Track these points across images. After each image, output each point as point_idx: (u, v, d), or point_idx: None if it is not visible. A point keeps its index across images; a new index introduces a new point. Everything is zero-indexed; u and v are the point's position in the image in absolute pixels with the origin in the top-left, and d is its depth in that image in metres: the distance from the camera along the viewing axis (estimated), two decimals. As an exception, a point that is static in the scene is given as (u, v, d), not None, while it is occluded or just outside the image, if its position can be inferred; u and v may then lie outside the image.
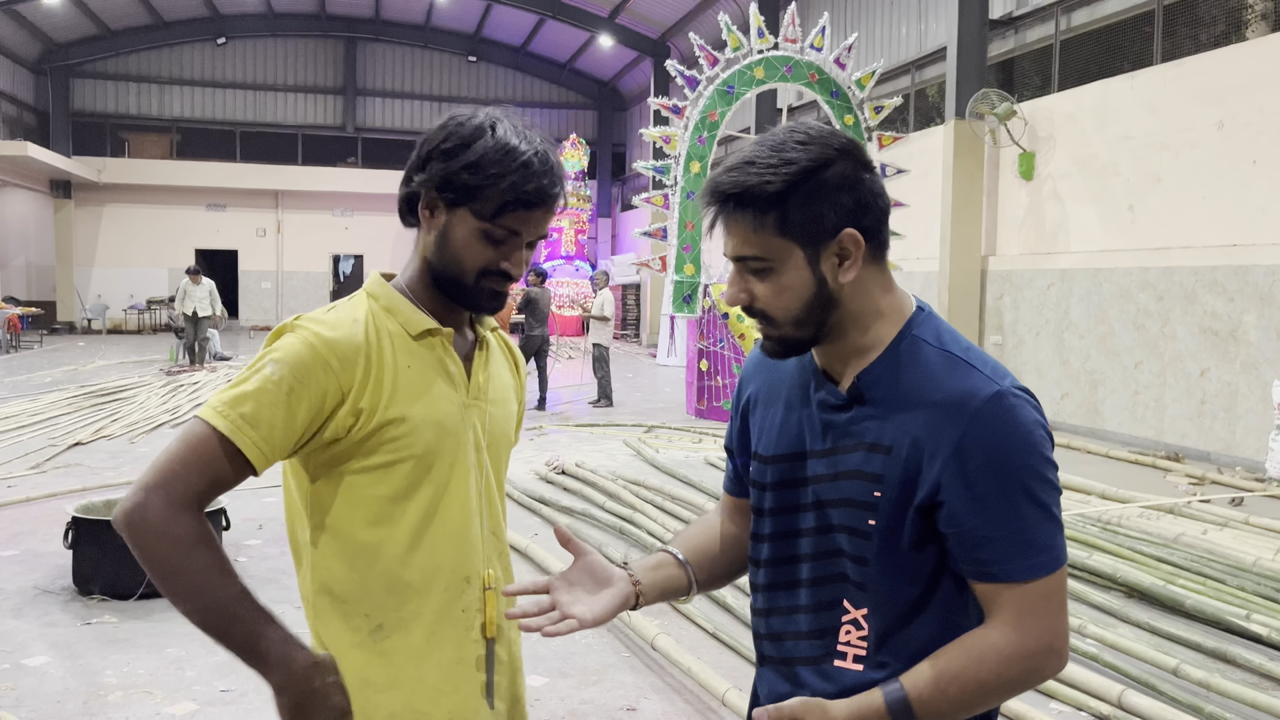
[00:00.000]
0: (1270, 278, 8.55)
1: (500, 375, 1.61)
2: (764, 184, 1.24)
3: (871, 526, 1.27)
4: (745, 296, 1.30)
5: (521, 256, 1.45)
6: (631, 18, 23.84)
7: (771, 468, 1.38)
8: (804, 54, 11.65)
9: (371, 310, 1.46)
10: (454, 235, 1.42)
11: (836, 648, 1.32)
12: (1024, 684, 1.25)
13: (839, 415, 1.31)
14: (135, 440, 9.32)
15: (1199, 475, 8.19)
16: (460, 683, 1.46)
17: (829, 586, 1.32)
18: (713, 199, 1.29)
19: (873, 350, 1.30)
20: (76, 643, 4.31)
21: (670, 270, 11.64)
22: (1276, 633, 4.29)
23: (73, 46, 26.24)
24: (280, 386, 1.33)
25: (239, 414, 1.32)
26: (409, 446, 1.41)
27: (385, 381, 1.40)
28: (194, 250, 27.31)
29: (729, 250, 1.29)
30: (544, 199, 1.42)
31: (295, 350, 1.36)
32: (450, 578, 1.46)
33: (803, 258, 1.27)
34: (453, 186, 1.40)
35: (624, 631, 4.47)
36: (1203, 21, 10.39)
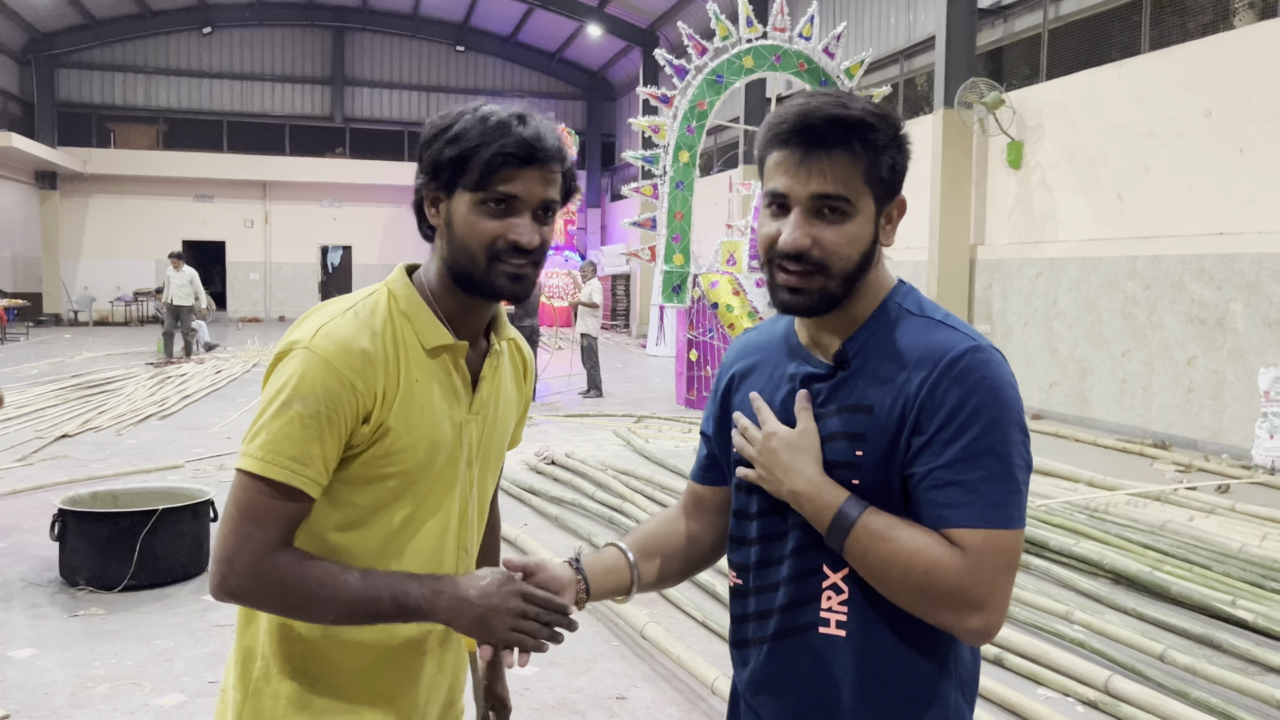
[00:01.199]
0: (1257, 266, 8.58)
1: (506, 388, 1.57)
2: (873, 125, 1.26)
3: (856, 486, 1.28)
4: (809, 242, 1.27)
5: (527, 224, 1.38)
6: (620, 7, 23.76)
7: None
8: (793, 43, 11.63)
9: (390, 313, 1.42)
10: (456, 219, 1.39)
11: (820, 614, 1.32)
12: (937, 614, 1.23)
13: (821, 384, 1.34)
14: (122, 432, 9.27)
15: (1186, 463, 8.23)
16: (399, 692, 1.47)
17: (810, 554, 1.33)
18: (809, 128, 1.25)
19: (858, 318, 1.34)
20: (64, 635, 4.29)
21: (659, 260, 11.63)
22: (1262, 618, 4.32)
23: (58, 36, 26.03)
24: (317, 420, 1.32)
25: (288, 458, 1.32)
26: (400, 462, 1.40)
27: (392, 394, 1.38)
28: (181, 241, 27.13)
29: (812, 186, 1.26)
30: (531, 153, 1.36)
31: (320, 378, 1.33)
32: None
33: (873, 211, 1.30)
34: (442, 167, 1.39)
35: (613, 620, 4.48)
36: (1190, 10, 10.41)
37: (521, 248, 1.38)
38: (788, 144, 1.27)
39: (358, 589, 1.33)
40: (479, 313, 1.47)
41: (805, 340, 1.39)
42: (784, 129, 1.28)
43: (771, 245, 1.31)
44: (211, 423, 9.86)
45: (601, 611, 4.60)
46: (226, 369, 14.50)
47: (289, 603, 1.34)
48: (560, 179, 1.42)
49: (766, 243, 1.32)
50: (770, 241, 1.31)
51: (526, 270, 1.41)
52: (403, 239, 27.97)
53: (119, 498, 5.23)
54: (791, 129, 1.27)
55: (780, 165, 1.28)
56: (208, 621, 4.48)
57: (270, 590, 1.32)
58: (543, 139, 1.38)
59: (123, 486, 5.61)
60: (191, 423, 9.91)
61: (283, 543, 1.34)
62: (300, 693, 1.42)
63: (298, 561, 1.33)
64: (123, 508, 5.01)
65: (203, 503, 5.10)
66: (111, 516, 4.85)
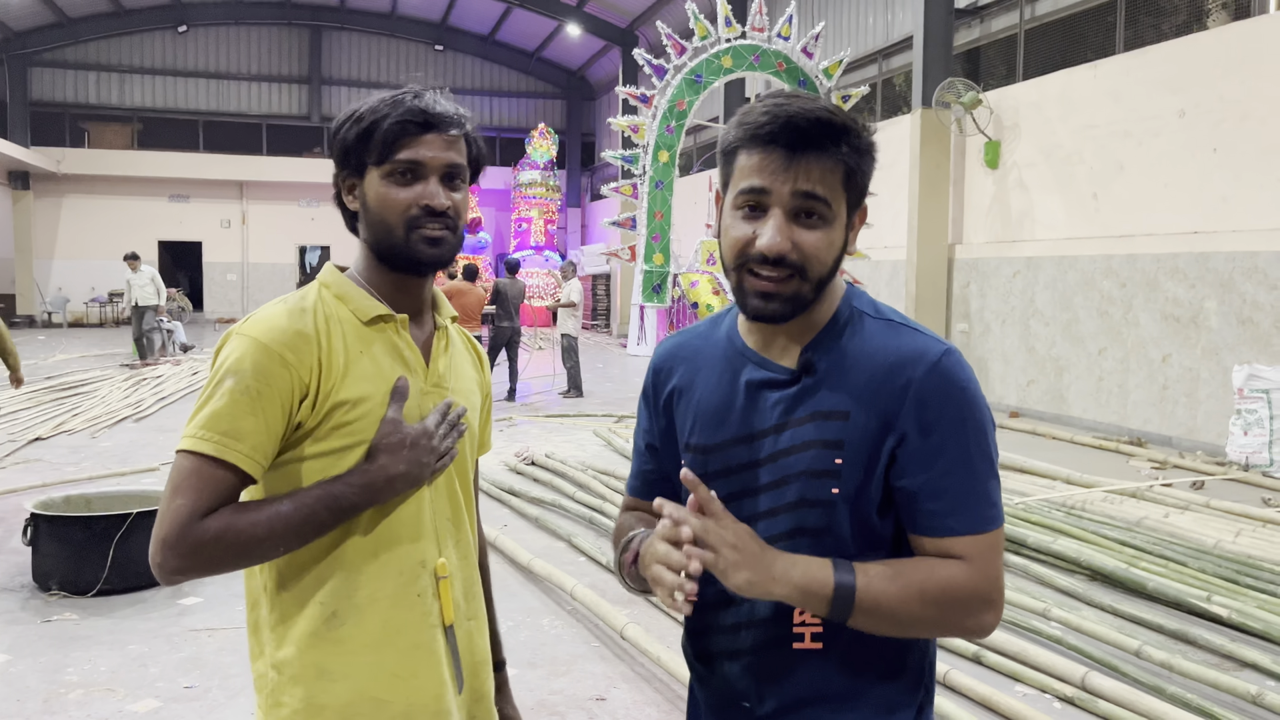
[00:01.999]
0: (1230, 265, 8.66)
1: (463, 368, 1.60)
2: (856, 131, 1.24)
3: (835, 495, 1.25)
4: (789, 245, 1.22)
5: (436, 189, 1.42)
6: (599, 6, 23.73)
7: (712, 457, 1.33)
8: (771, 43, 11.64)
9: (322, 298, 1.47)
10: (370, 197, 1.45)
11: (793, 629, 1.29)
12: (960, 622, 1.23)
13: (785, 391, 1.29)
14: (96, 435, 9.18)
15: (1161, 459, 8.31)
16: (419, 668, 1.45)
17: None
18: (797, 129, 1.21)
19: (817, 324, 1.31)
20: (36, 640, 4.24)
21: (639, 260, 11.62)
22: (1236, 614, 4.36)
23: (30, 35, 25.73)
24: (248, 394, 1.35)
25: (219, 433, 1.34)
26: (361, 431, 1.41)
27: (336, 366, 1.41)
28: (157, 242, 26.91)
29: (798, 184, 1.22)
30: (427, 119, 1.42)
31: (250, 355, 1.37)
32: (404, 563, 1.45)
33: (844, 216, 1.27)
34: (349, 151, 1.45)
35: (593, 621, 4.47)
36: (1164, 11, 10.50)
37: (434, 210, 1.42)
38: (772, 144, 1.22)
39: (291, 513, 1.34)
40: (412, 290, 1.51)
41: (755, 345, 1.33)
42: (767, 129, 1.22)
43: (744, 248, 1.25)
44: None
45: (581, 613, 4.59)
46: (203, 370, 14.38)
47: (235, 555, 1.34)
48: (464, 145, 1.47)
49: (739, 245, 1.25)
50: (744, 244, 1.25)
51: (443, 235, 1.44)
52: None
53: (92, 501, 5.17)
54: (779, 129, 1.22)
55: (760, 166, 1.23)
56: (183, 626, 4.43)
57: (210, 552, 1.32)
58: (437, 106, 1.44)
59: (96, 490, 5.55)
60: (167, 425, 9.82)
61: (210, 511, 1.34)
62: (314, 696, 1.42)
63: (226, 515, 1.33)
64: (96, 511, 4.96)
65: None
66: (84, 520, 4.79)
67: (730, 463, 1.32)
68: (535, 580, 5.06)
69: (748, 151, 1.25)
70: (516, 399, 12.07)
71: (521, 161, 26.78)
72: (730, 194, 1.28)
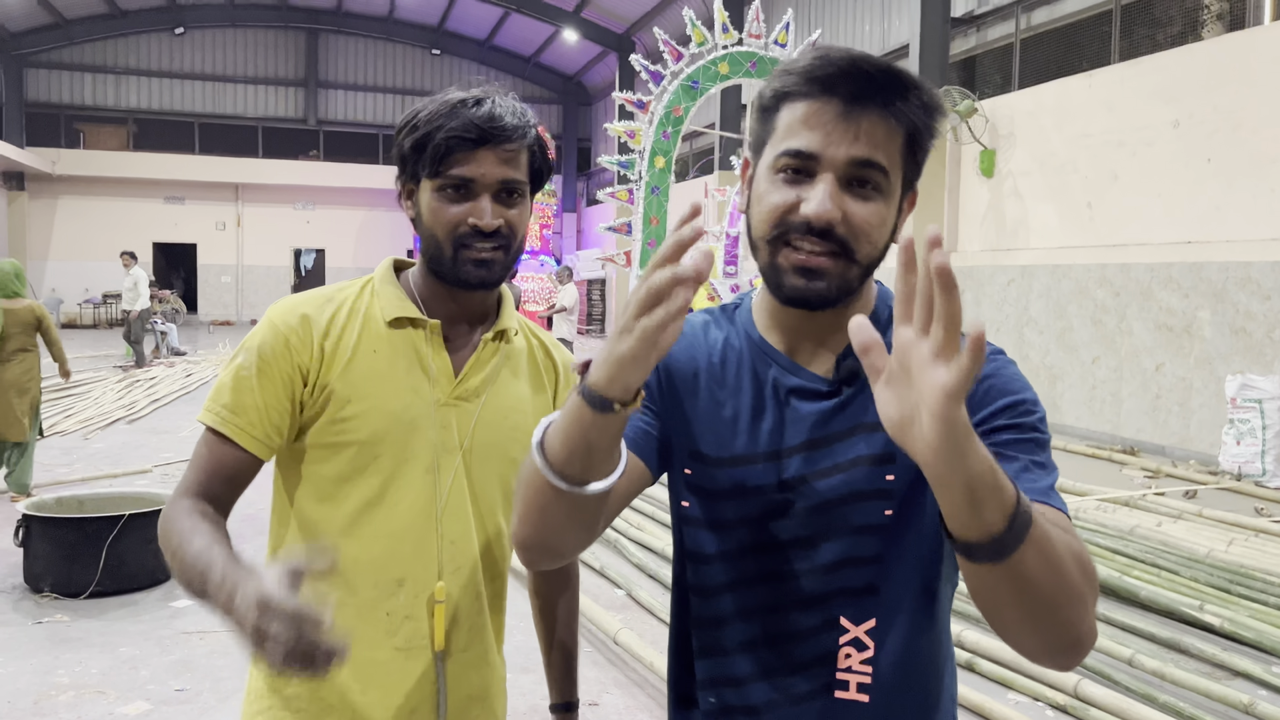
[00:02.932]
0: (1224, 275, 8.70)
1: (512, 384, 1.49)
2: (929, 92, 1.04)
3: (888, 517, 1.07)
4: (839, 214, 1.02)
5: (485, 207, 1.35)
6: (596, 12, 23.77)
7: (724, 472, 1.12)
8: (768, 50, 11.67)
9: (359, 291, 1.45)
10: (422, 209, 1.40)
11: (836, 677, 1.10)
12: (1088, 608, 0.91)
13: (822, 403, 1.10)
14: (89, 436, 9.15)
15: (1154, 468, 8.32)
16: (370, 685, 1.40)
17: (821, 610, 1.10)
18: (863, 75, 1.01)
19: None
20: (27, 642, 4.23)
21: (635, 265, 11.62)
22: (1228, 623, 4.37)
23: (26, 36, 25.70)
24: (250, 370, 1.36)
25: (221, 406, 1.36)
26: (353, 430, 1.38)
27: (339, 359, 1.39)
28: (151, 244, 26.87)
29: (856, 149, 1.02)
30: (482, 134, 1.34)
31: (261, 334, 1.38)
32: (380, 575, 1.40)
33: (899, 196, 1.07)
34: (406, 158, 1.40)
35: (586, 626, 4.46)
36: (1160, 21, 10.54)
37: (482, 230, 1.36)
38: (830, 92, 1.02)
39: (193, 552, 1.21)
40: (459, 301, 1.45)
41: (780, 345, 1.14)
42: (825, 71, 1.02)
43: (785, 216, 1.04)
44: (181, 426, 9.74)
45: (574, 617, 4.59)
46: (197, 372, 14.35)
47: (163, 542, 1.28)
48: (525, 157, 1.40)
49: (778, 213, 1.04)
50: (784, 211, 1.04)
51: (494, 255, 1.38)
52: (377, 242, 27.80)
53: (85, 503, 5.16)
54: (839, 74, 1.01)
55: (810, 119, 1.02)
56: (174, 629, 4.42)
57: (161, 531, 1.30)
58: (495, 118, 1.35)
59: (89, 492, 5.53)
60: (161, 426, 9.79)
61: (200, 489, 1.33)
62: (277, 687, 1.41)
63: (189, 509, 1.29)
64: (88, 513, 4.94)
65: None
66: (76, 522, 4.78)
67: (747, 481, 1.11)
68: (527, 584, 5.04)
69: (795, 101, 1.04)
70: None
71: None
72: (768, 155, 1.06)
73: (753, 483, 1.11)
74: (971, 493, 0.80)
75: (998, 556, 0.83)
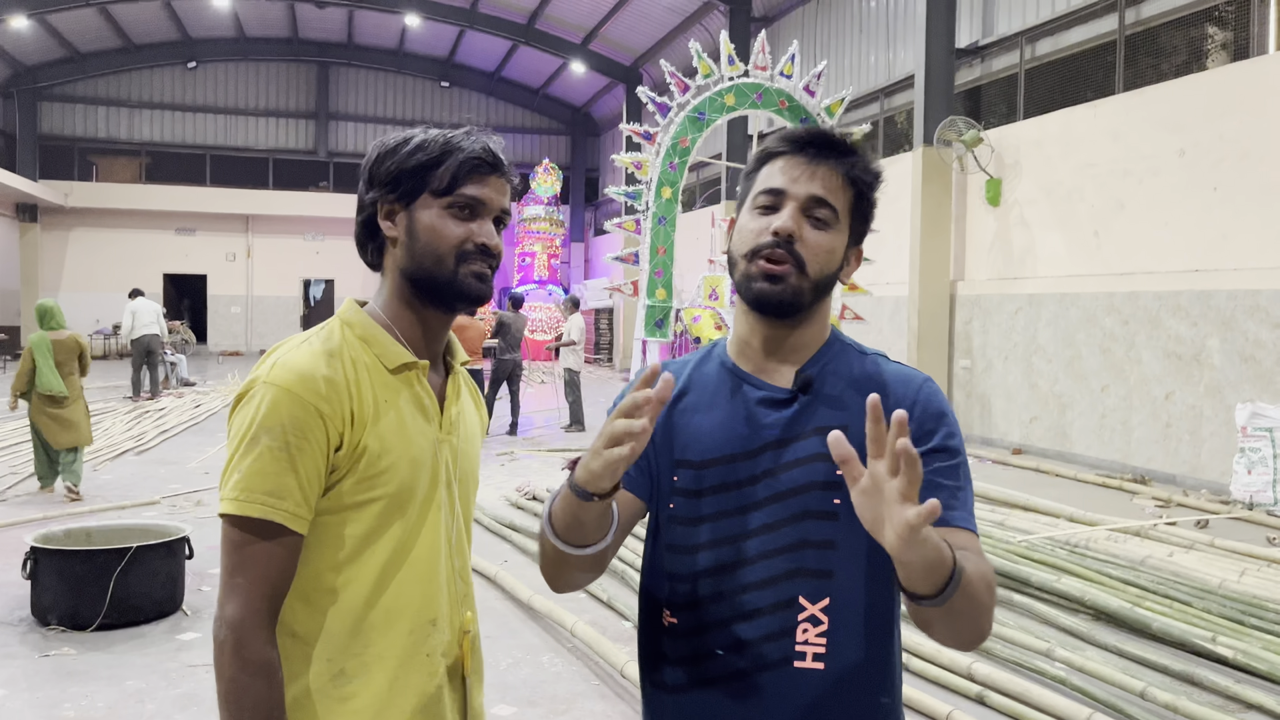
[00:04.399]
0: (1232, 302, 8.68)
1: (469, 411, 1.57)
2: (869, 164, 1.39)
3: (837, 505, 1.30)
4: (798, 229, 1.33)
5: (491, 229, 1.44)
6: (604, 44, 23.99)
7: (708, 472, 1.36)
8: (774, 81, 11.75)
9: (346, 340, 1.43)
10: (421, 225, 1.42)
11: (795, 648, 1.30)
12: (990, 611, 1.24)
13: (785, 410, 1.36)
14: (98, 468, 9.17)
15: (1165, 498, 8.27)
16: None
17: (783, 584, 1.31)
18: (818, 140, 1.37)
19: (808, 349, 1.39)
20: (34, 675, 4.22)
21: (642, 295, 11.65)
22: (1242, 655, 4.32)
23: (41, 69, 26.03)
24: (287, 451, 1.31)
25: (263, 494, 1.30)
26: (384, 484, 1.38)
27: (365, 415, 1.37)
28: (162, 275, 27.04)
29: (814, 188, 1.34)
30: (497, 161, 1.44)
31: (284, 408, 1.32)
32: (415, 620, 1.41)
33: (846, 241, 1.38)
34: (405, 177, 1.42)
35: (593, 659, 4.44)
36: (1164, 51, 10.60)
37: (489, 250, 1.44)
38: (799, 150, 1.36)
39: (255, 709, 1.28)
40: (436, 331, 1.49)
41: (750, 368, 1.40)
42: (798, 136, 1.38)
43: (758, 237, 1.34)
44: (189, 458, 9.76)
45: (581, 650, 4.56)
46: (206, 403, 14.39)
47: (224, 687, 1.30)
48: (509, 192, 1.50)
49: (753, 235, 1.35)
50: (757, 233, 1.35)
51: (489, 272, 1.46)
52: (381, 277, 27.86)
53: (93, 535, 5.16)
54: (807, 138, 1.37)
55: (784, 168, 1.36)
56: (181, 661, 4.41)
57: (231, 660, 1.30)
58: (500, 155, 1.47)
59: (97, 524, 5.54)
60: (169, 458, 9.81)
61: (276, 610, 1.33)
62: None
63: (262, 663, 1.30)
64: (96, 545, 4.95)
65: (178, 540, 5.04)
66: (84, 554, 4.78)
67: (727, 478, 1.35)
68: (536, 617, 5.03)
69: (775, 159, 1.38)
70: (518, 433, 12.06)
71: (525, 197, 26.95)
72: (749, 199, 1.39)
73: (732, 478, 1.34)
74: (926, 569, 1.10)
75: (938, 604, 1.14)
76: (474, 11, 24.01)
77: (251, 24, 26.78)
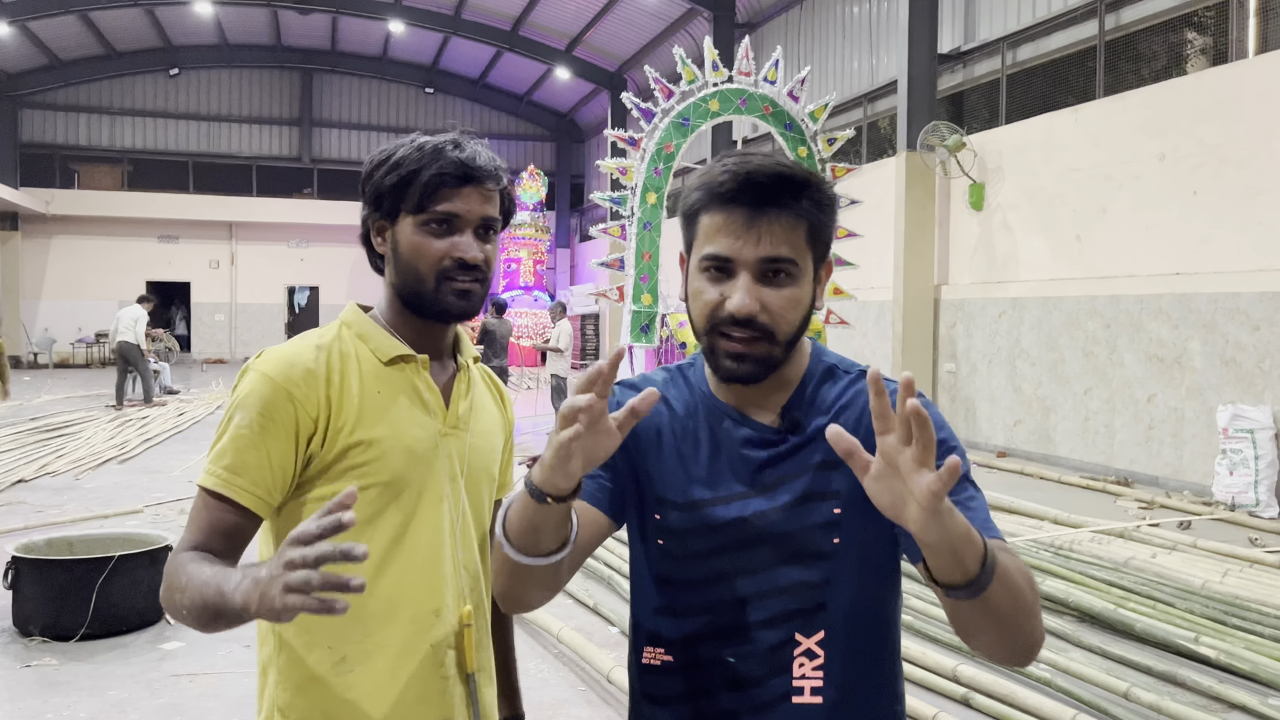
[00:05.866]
0: (1213, 305, 8.75)
1: (485, 408, 1.58)
2: (817, 185, 1.23)
3: (835, 545, 1.24)
4: (758, 306, 1.21)
5: (470, 241, 1.43)
6: (588, 50, 24.02)
7: (694, 514, 1.28)
8: (758, 87, 11.78)
9: (342, 336, 1.47)
10: (402, 244, 1.44)
11: (792, 684, 1.25)
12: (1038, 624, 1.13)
13: (773, 450, 1.27)
14: (80, 476, 9.10)
15: (1148, 500, 8.32)
16: (427, 716, 1.43)
17: (779, 625, 1.25)
18: (757, 186, 1.20)
19: (790, 384, 1.30)
20: (16, 685, 4.18)
21: (628, 300, 11.65)
22: (1224, 655, 4.35)
23: (21, 77, 25.86)
24: (252, 429, 1.36)
25: (222, 468, 1.36)
26: (376, 472, 1.40)
27: (349, 406, 1.40)
28: (145, 282, 26.88)
29: (761, 249, 1.20)
30: (467, 172, 1.42)
31: (257, 389, 1.38)
32: (417, 609, 1.43)
33: (811, 272, 1.25)
34: (384, 195, 1.44)
35: (580, 665, 4.43)
36: (1144, 56, 10.69)
37: (467, 263, 1.43)
38: (733, 203, 1.21)
39: (202, 578, 1.22)
40: (434, 334, 1.51)
41: (732, 401, 1.30)
42: (727, 188, 1.21)
43: (714, 311, 1.23)
44: (173, 466, 9.70)
45: (566, 656, 4.55)
46: (190, 411, 14.31)
47: (166, 598, 1.29)
48: (498, 198, 1.48)
49: (709, 309, 1.23)
50: (713, 308, 1.23)
51: (473, 287, 1.45)
52: (370, 279, 27.67)
53: (74, 544, 5.12)
54: (737, 188, 1.20)
55: (723, 227, 1.21)
56: (164, 671, 4.38)
57: (165, 586, 1.30)
58: (477, 159, 1.44)
59: (79, 533, 5.50)
60: (152, 466, 9.75)
61: (199, 545, 1.33)
62: None
63: (189, 557, 1.30)
64: (78, 554, 4.91)
65: (161, 549, 5.00)
66: (66, 564, 4.74)
67: (714, 520, 1.27)
68: (520, 622, 5.02)
69: (710, 213, 1.23)
70: (504, 440, 12.03)
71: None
72: (695, 257, 1.26)
73: (717, 521, 1.26)
74: (954, 551, 1.01)
75: (975, 593, 1.04)
76: (458, 18, 24.01)
77: (234, 31, 26.67)
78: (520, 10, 23.05)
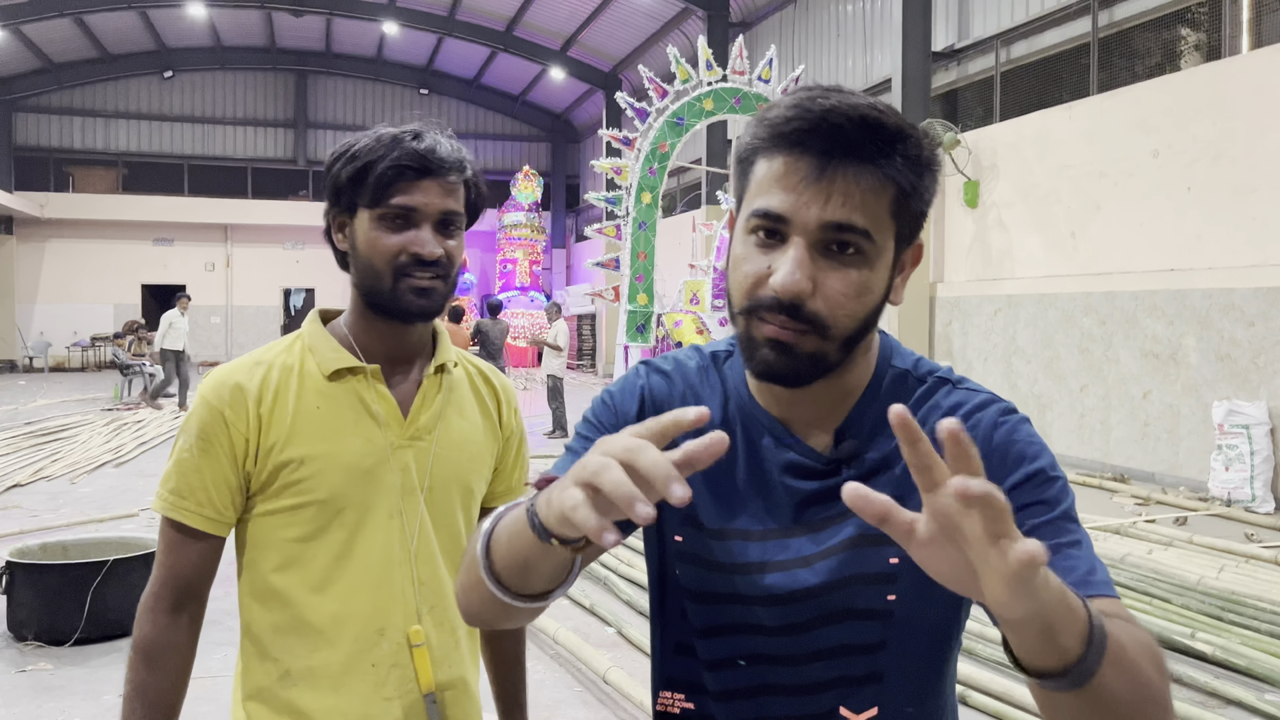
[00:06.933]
0: (1207, 301, 8.76)
1: (463, 414, 1.48)
2: (915, 138, 0.93)
3: (891, 602, 0.99)
4: (809, 286, 0.91)
5: (428, 236, 1.36)
6: (583, 50, 24.01)
7: (721, 545, 1.03)
8: (752, 86, 11.79)
9: (293, 349, 1.43)
10: (359, 240, 1.39)
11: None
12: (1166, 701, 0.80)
13: (821, 482, 1.00)
14: (76, 480, 9.09)
15: (1144, 496, 8.33)
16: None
17: (821, 695, 1.02)
18: (835, 129, 0.89)
19: (852, 391, 1.01)
20: (10, 691, 4.17)
21: (623, 300, 11.66)
22: (1221, 651, 4.35)
23: (15, 80, 25.81)
24: (191, 453, 1.37)
25: (168, 491, 1.38)
26: (311, 490, 1.37)
27: (280, 424, 1.37)
28: (140, 285, 26.85)
29: (829, 212, 0.90)
30: (425, 164, 1.35)
31: (196, 412, 1.38)
32: (361, 628, 1.39)
33: (892, 256, 0.96)
34: (342, 189, 1.40)
35: (575, 665, 4.43)
36: (1137, 53, 10.70)
37: (424, 259, 1.36)
38: (799, 147, 0.91)
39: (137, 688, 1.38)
40: (399, 336, 1.44)
41: (774, 409, 1.02)
42: (794, 125, 0.91)
43: (755, 287, 0.94)
44: (169, 469, 9.68)
45: (563, 656, 4.55)
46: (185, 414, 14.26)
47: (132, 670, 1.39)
48: (462, 190, 1.40)
49: (748, 283, 0.94)
50: (755, 282, 0.93)
51: (434, 284, 1.37)
52: (366, 281, 27.78)
53: (69, 549, 5.11)
54: (808, 128, 0.90)
55: (783, 177, 0.91)
56: (160, 675, 4.36)
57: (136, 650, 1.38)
58: (436, 150, 1.37)
59: (74, 537, 5.49)
60: (148, 470, 9.73)
61: (173, 600, 1.38)
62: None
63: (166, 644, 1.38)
64: (73, 559, 4.90)
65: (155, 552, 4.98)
66: (61, 568, 4.73)
67: (745, 558, 1.02)
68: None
69: (768, 157, 0.93)
70: (501, 440, 12.03)
71: (506, 203, 26.93)
72: (744, 214, 0.96)
73: (746, 559, 1.01)
74: (1047, 628, 0.72)
75: (1077, 682, 0.74)
76: (452, 19, 24.00)
77: (228, 33, 26.65)
78: (514, 11, 23.05)
